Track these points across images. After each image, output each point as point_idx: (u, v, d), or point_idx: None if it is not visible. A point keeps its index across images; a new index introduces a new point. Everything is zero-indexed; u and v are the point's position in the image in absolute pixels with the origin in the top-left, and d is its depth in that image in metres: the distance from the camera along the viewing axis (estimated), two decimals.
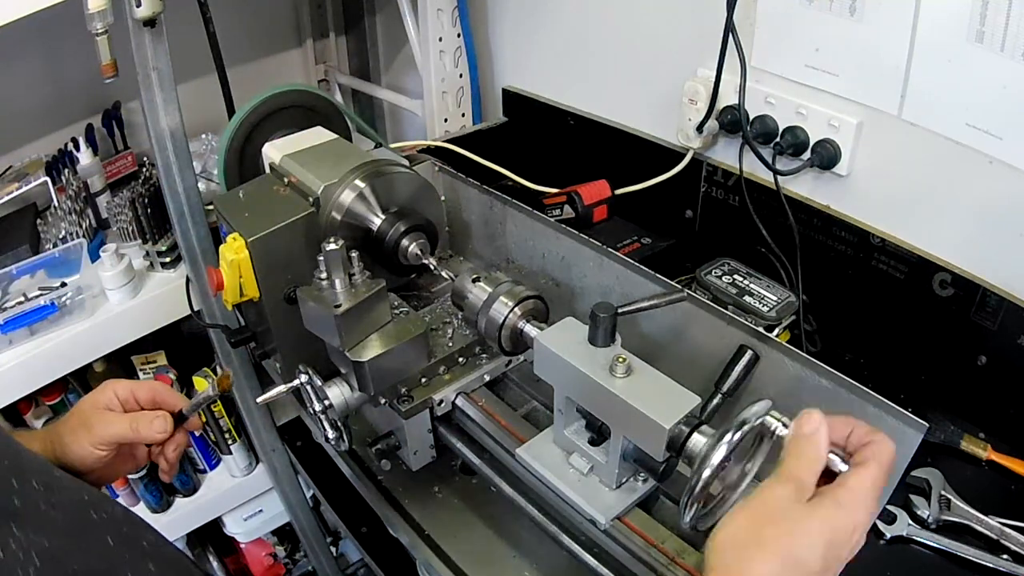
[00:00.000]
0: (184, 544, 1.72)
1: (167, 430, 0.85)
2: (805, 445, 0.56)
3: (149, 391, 0.88)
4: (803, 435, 0.56)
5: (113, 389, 0.86)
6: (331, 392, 0.88)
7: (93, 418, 0.83)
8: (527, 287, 0.87)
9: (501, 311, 0.85)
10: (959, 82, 0.91)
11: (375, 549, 1.44)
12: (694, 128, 1.21)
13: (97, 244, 1.39)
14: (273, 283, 0.92)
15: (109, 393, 0.85)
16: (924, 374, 1.04)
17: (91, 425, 0.82)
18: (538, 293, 0.87)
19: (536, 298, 0.87)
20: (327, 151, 1.03)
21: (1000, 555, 0.82)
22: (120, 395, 0.86)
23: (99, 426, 0.82)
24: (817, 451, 0.55)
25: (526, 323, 0.85)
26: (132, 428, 0.83)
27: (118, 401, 0.85)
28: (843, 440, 0.58)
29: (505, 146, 1.57)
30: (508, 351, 0.88)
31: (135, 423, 0.83)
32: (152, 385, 0.89)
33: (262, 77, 1.84)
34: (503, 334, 0.86)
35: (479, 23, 1.60)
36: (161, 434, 0.85)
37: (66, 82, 1.53)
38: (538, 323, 0.85)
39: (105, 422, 0.83)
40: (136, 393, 0.87)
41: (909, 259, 1.03)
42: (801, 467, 0.55)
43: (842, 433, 0.58)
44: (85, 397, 0.87)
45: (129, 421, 0.83)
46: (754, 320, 1.01)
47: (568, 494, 0.80)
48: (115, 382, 0.87)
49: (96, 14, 0.99)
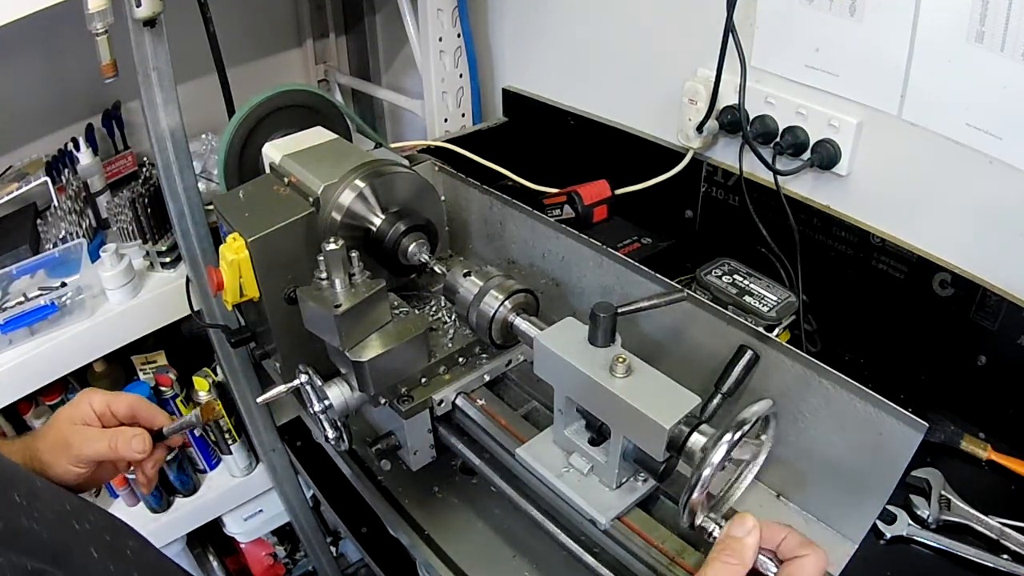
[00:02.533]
0: (184, 544, 1.72)
1: (145, 450, 0.84)
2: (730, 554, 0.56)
3: (127, 405, 0.86)
4: (733, 537, 0.56)
5: (89, 401, 0.84)
6: (331, 392, 0.88)
7: (71, 435, 0.82)
8: (517, 281, 0.88)
9: (492, 305, 0.86)
10: (959, 82, 0.91)
11: (375, 549, 1.44)
12: (694, 128, 1.21)
13: (97, 244, 1.39)
14: (273, 283, 0.92)
15: (85, 407, 0.84)
16: (924, 374, 1.04)
17: (70, 443, 0.81)
18: (528, 287, 0.88)
19: (526, 292, 0.87)
20: (327, 151, 1.03)
21: (1000, 555, 0.82)
22: (96, 408, 0.84)
23: (77, 444, 0.81)
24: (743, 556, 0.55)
25: (516, 316, 0.85)
26: (111, 447, 0.82)
27: (95, 415, 0.84)
28: (774, 546, 0.57)
29: (505, 146, 1.57)
30: (499, 344, 0.88)
31: (114, 441, 0.82)
32: (129, 399, 0.87)
33: (262, 77, 1.84)
34: (493, 328, 0.86)
35: (479, 23, 1.60)
36: (140, 454, 0.84)
37: (66, 82, 1.53)
38: (528, 316, 0.86)
39: (84, 439, 0.81)
40: (112, 406, 0.85)
41: (909, 259, 1.03)
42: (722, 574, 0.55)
43: (775, 539, 0.57)
44: (61, 410, 0.86)
45: (108, 439, 0.82)
46: (754, 320, 1.01)
47: (568, 494, 0.80)
48: (91, 393, 0.86)
49: (96, 14, 0.99)
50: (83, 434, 0.82)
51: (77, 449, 0.81)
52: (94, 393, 0.86)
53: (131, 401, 0.87)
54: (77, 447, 0.81)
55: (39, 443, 0.82)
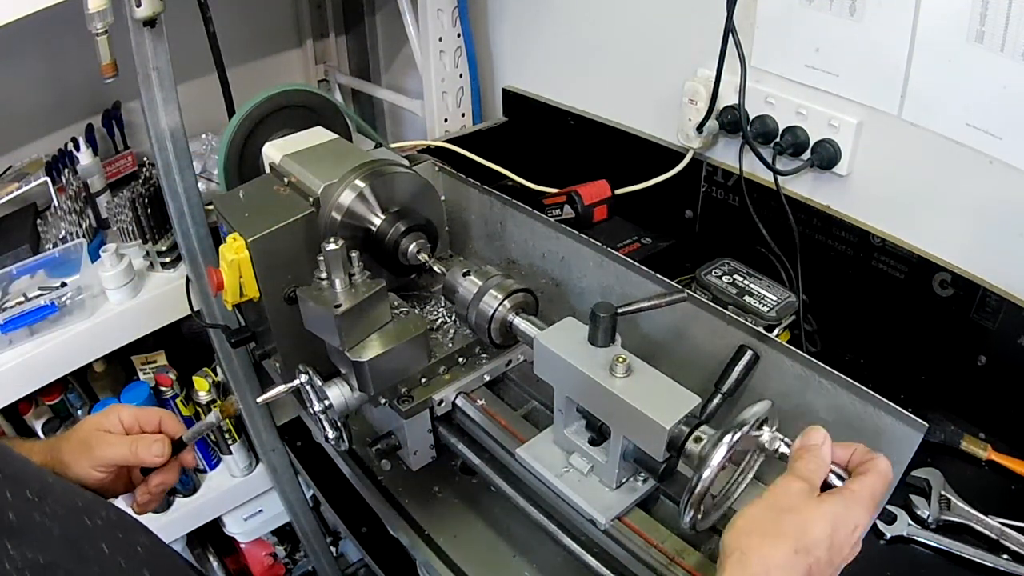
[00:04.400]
0: (184, 544, 1.72)
1: (165, 455, 0.86)
2: (813, 451, 0.61)
3: (155, 420, 0.89)
4: (810, 444, 0.61)
5: (118, 414, 0.87)
6: (331, 392, 0.88)
7: (93, 439, 0.84)
8: (516, 281, 0.88)
9: (491, 304, 0.86)
10: (959, 82, 0.91)
11: (375, 549, 1.44)
12: (694, 128, 1.21)
13: (97, 244, 1.39)
14: (273, 283, 0.92)
15: (113, 417, 0.86)
16: (924, 374, 1.04)
17: (91, 446, 0.83)
18: (527, 287, 0.88)
19: (525, 291, 0.87)
20: (327, 151, 1.03)
21: (1000, 555, 0.82)
22: (125, 422, 0.87)
23: (99, 448, 0.83)
24: (823, 457, 0.61)
25: (515, 316, 0.86)
26: (131, 451, 0.84)
27: (122, 427, 0.86)
28: (844, 462, 0.63)
29: (505, 146, 1.57)
30: (498, 344, 0.89)
31: (134, 446, 0.84)
32: (159, 413, 0.90)
33: (262, 77, 1.84)
34: (493, 327, 0.86)
35: (479, 23, 1.60)
36: (159, 458, 0.86)
37: (66, 82, 1.53)
38: (527, 316, 0.86)
39: (105, 444, 0.83)
40: (141, 420, 0.88)
41: (909, 259, 1.03)
42: (810, 468, 0.60)
43: (844, 456, 0.63)
44: (89, 417, 0.88)
45: (129, 444, 0.84)
46: (754, 320, 1.01)
47: (568, 494, 0.80)
48: (121, 407, 0.88)
49: (96, 14, 0.99)
50: (105, 439, 0.84)
51: (98, 452, 0.83)
52: (124, 407, 0.88)
53: (160, 415, 0.89)
54: (98, 450, 0.83)
55: (63, 444, 0.84)
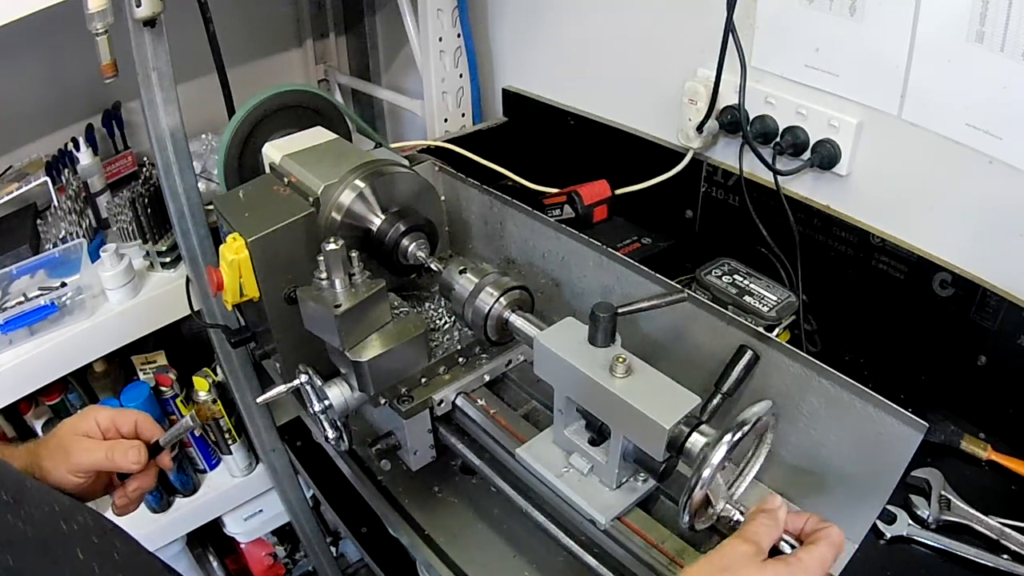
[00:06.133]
0: (184, 544, 1.72)
1: (141, 461, 0.86)
2: (767, 515, 0.62)
3: (131, 421, 0.88)
4: (766, 508, 0.62)
5: (95, 417, 0.86)
6: (331, 392, 0.88)
7: (70, 444, 0.83)
8: (513, 278, 0.88)
9: (487, 301, 0.86)
10: (959, 82, 0.91)
11: (375, 549, 1.44)
12: (694, 128, 1.21)
13: (97, 244, 1.39)
14: (273, 283, 0.92)
15: (90, 420, 0.86)
16: (924, 374, 1.04)
17: (69, 452, 0.82)
18: (523, 284, 0.88)
19: (522, 288, 0.88)
20: (327, 151, 1.03)
21: (1000, 555, 0.82)
22: (102, 423, 0.86)
23: (76, 454, 0.82)
24: (777, 521, 0.62)
25: (512, 313, 0.86)
26: (108, 457, 0.84)
27: (99, 430, 0.86)
28: (797, 531, 0.63)
29: (505, 146, 1.57)
30: (495, 341, 0.89)
31: (111, 452, 0.84)
32: (135, 415, 0.89)
33: (262, 77, 1.84)
34: (488, 324, 0.87)
35: (479, 23, 1.60)
36: (135, 464, 0.85)
37: (66, 82, 1.53)
38: (524, 313, 0.86)
39: (82, 449, 0.83)
40: (117, 422, 0.87)
41: (909, 259, 1.03)
42: (760, 532, 0.61)
43: (797, 524, 0.63)
44: (66, 421, 0.87)
45: (106, 450, 0.84)
46: (754, 320, 1.01)
47: (568, 494, 0.80)
48: (97, 409, 0.88)
49: (96, 14, 0.99)
50: (81, 444, 0.84)
51: (75, 457, 0.82)
52: (100, 409, 0.88)
53: (136, 417, 0.89)
54: (75, 456, 0.82)
55: (41, 449, 0.83)
